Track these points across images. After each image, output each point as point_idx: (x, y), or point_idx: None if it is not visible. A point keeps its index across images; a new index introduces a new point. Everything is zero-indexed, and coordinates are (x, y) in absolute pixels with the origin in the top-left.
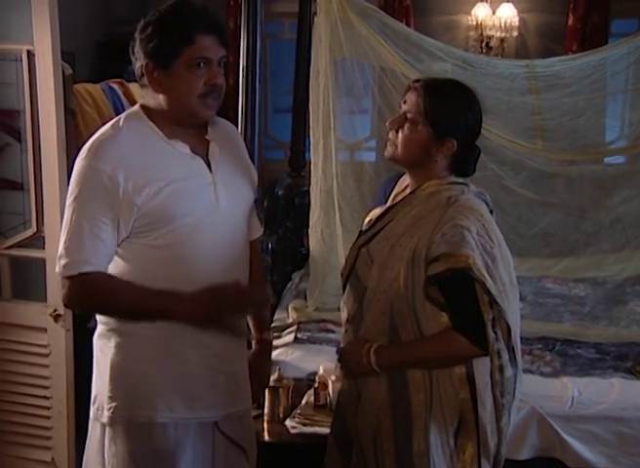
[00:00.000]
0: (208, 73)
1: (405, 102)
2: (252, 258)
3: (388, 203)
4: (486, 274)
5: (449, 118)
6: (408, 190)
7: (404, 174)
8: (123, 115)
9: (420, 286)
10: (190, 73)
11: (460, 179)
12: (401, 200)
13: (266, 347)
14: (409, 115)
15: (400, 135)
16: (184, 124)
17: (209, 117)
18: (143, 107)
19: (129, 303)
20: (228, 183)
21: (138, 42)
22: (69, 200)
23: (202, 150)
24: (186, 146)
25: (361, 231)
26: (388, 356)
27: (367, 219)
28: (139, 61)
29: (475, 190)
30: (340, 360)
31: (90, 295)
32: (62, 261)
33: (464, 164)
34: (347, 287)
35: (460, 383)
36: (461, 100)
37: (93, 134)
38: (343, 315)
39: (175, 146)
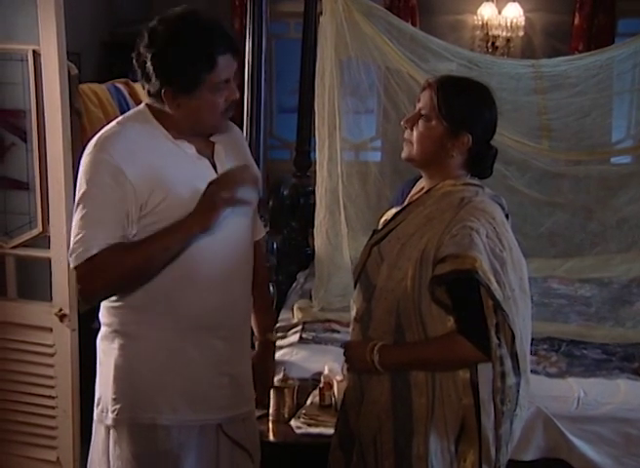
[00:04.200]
0: (228, 90)
1: (419, 101)
2: (255, 259)
3: (405, 202)
4: (492, 278)
5: (463, 111)
6: (423, 191)
7: (422, 176)
8: (129, 113)
9: (426, 285)
10: (214, 96)
11: (476, 181)
12: (415, 200)
13: (269, 348)
14: (423, 111)
15: (415, 132)
16: (193, 133)
17: (226, 128)
18: (149, 107)
19: (144, 256)
20: None
21: (150, 62)
22: (79, 195)
23: (207, 151)
24: (192, 147)
25: (374, 230)
26: (391, 356)
27: (382, 219)
28: (153, 84)
29: (490, 193)
30: (344, 354)
31: (103, 272)
32: (75, 253)
33: (481, 162)
34: (357, 285)
35: (464, 388)
36: (476, 95)
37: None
38: (352, 313)
39: (181, 147)
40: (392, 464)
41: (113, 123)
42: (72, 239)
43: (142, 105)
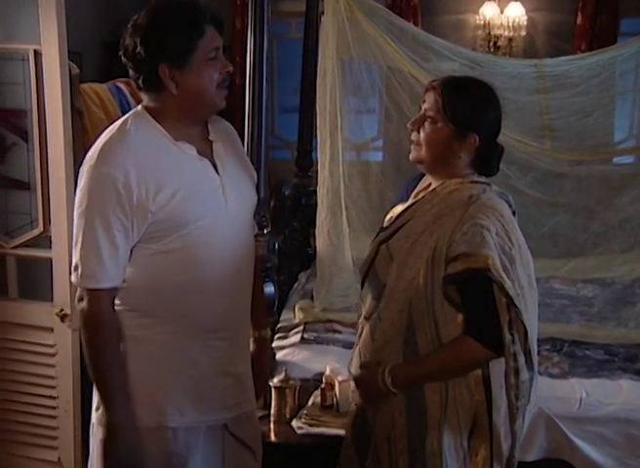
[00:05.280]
0: (220, 62)
1: (424, 102)
2: None
3: (410, 200)
4: (504, 275)
5: (468, 113)
6: (430, 189)
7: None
8: (129, 117)
9: (439, 284)
10: (208, 65)
11: (483, 179)
12: (422, 198)
13: (265, 345)
14: (428, 113)
15: (422, 134)
16: (195, 121)
17: (223, 106)
18: (147, 109)
19: (102, 369)
20: (235, 184)
21: (141, 48)
22: (81, 208)
23: (207, 151)
24: (193, 148)
25: (381, 228)
26: (403, 374)
27: (388, 217)
28: (147, 68)
29: (497, 190)
30: (356, 387)
31: (96, 322)
32: (79, 271)
33: (488, 161)
34: (365, 283)
35: (476, 385)
36: (480, 95)
37: (99, 134)
38: (362, 312)
39: (182, 149)
40: (406, 461)
41: (114, 129)
42: (76, 252)
43: (140, 108)
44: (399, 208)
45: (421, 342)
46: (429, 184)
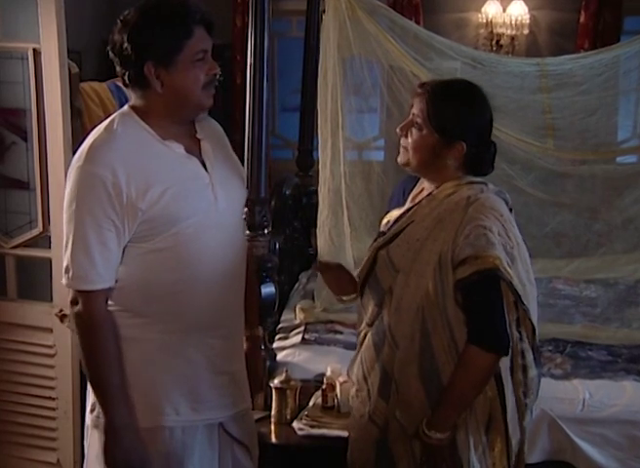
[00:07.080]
0: (207, 64)
1: (412, 107)
2: None
3: (407, 204)
4: (512, 273)
5: (454, 122)
6: (425, 192)
7: None
8: (116, 117)
9: (450, 290)
10: (194, 67)
11: (479, 179)
12: (419, 202)
13: (257, 343)
14: (415, 120)
15: (409, 139)
16: (182, 120)
17: (211, 106)
18: (134, 108)
19: (100, 371)
20: (224, 182)
21: (128, 45)
22: (70, 209)
23: (195, 150)
24: (181, 147)
25: (379, 233)
26: (438, 418)
27: (385, 221)
28: (134, 66)
29: (494, 189)
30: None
31: (92, 324)
32: (70, 273)
33: (479, 163)
34: (365, 290)
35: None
36: (467, 103)
37: None
38: (364, 318)
39: (170, 147)
40: None
41: (101, 129)
42: (67, 253)
43: (126, 108)
44: (395, 212)
45: (437, 348)
46: (423, 188)
